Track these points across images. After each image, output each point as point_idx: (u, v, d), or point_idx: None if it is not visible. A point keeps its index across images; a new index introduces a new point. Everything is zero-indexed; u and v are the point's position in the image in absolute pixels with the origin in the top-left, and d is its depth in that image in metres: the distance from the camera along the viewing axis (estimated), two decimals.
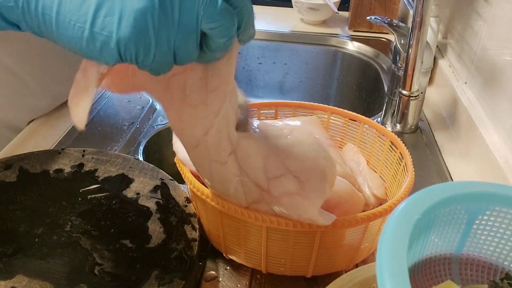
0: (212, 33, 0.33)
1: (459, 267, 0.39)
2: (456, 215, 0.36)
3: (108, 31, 0.29)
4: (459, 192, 0.35)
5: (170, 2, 0.30)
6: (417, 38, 0.69)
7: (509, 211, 0.36)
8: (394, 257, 0.28)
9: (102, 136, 0.74)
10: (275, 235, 0.44)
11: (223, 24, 0.32)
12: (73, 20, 0.30)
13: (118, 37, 0.29)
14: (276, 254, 0.46)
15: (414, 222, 0.31)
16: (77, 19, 0.29)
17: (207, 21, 0.32)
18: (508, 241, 0.37)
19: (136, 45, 0.30)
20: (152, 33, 0.30)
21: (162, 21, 0.30)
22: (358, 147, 0.62)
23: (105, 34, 0.29)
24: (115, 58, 0.30)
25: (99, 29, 0.29)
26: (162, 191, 0.55)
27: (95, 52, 0.30)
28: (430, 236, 0.36)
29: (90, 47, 0.30)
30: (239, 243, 0.47)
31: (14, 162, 0.58)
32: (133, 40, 0.29)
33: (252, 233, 0.45)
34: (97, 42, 0.30)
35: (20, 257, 0.46)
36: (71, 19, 0.30)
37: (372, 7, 1.15)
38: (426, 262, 0.38)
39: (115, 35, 0.29)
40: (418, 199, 0.33)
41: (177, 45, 0.31)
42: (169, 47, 0.31)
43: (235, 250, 0.49)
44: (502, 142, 0.64)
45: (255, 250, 0.47)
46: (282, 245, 0.45)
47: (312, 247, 0.44)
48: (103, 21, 0.29)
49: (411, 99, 0.76)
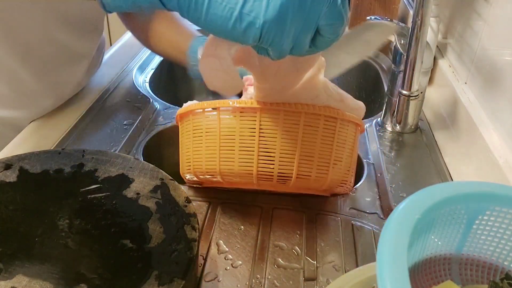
0: (326, 29, 0.37)
1: (459, 267, 0.39)
2: (456, 215, 0.36)
3: (256, 13, 0.33)
4: (459, 192, 0.35)
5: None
6: (417, 38, 0.69)
7: (509, 211, 0.36)
8: (394, 257, 0.28)
9: (102, 136, 0.74)
10: (267, 123, 0.51)
11: (338, 22, 0.37)
12: (225, 1, 0.34)
13: (264, 19, 0.33)
14: (267, 147, 0.52)
15: (414, 222, 0.31)
16: (229, 1, 0.33)
17: (327, 17, 0.36)
18: (508, 241, 0.37)
19: (276, 29, 0.34)
20: (289, 20, 0.34)
21: (297, 12, 0.34)
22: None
23: (252, 15, 0.33)
24: (256, 38, 0.34)
25: (247, 11, 0.33)
26: (162, 191, 0.55)
27: (239, 31, 0.34)
28: (430, 236, 0.36)
29: (236, 27, 0.34)
30: (233, 151, 0.53)
31: (14, 162, 0.58)
32: (275, 23, 0.34)
33: (246, 131, 0.52)
34: (244, 22, 0.34)
35: (20, 257, 0.46)
36: (223, 0, 0.34)
37: (372, 7, 1.15)
38: (426, 262, 0.38)
39: (262, 17, 0.33)
40: (418, 199, 0.33)
41: (300, 35, 0.36)
42: (294, 36, 0.36)
43: (229, 163, 0.53)
44: (502, 142, 0.64)
45: (247, 153, 0.52)
46: (272, 132, 0.51)
47: (297, 132, 0.51)
48: (252, 4, 0.33)
49: (411, 99, 0.76)
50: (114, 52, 1.05)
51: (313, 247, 0.55)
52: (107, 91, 0.87)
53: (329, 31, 0.38)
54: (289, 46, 0.36)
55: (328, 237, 0.57)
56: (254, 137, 0.51)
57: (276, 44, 0.35)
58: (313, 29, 0.36)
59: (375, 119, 0.84)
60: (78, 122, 0.77)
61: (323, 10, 0.35)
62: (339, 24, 0.38)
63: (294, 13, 0.34)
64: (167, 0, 0.35)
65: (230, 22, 0.34)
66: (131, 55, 1.02)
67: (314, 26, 0.36)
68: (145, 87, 0.92)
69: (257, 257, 0.54)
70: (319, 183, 0.54)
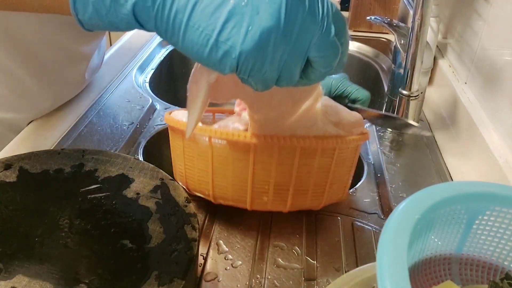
0: (317, 61, 0.34)
1: (459, 267, 0.39)
2: (456, 215, 0.36)
3: (233, 42, 0.31)
4: (459, 192, 0.35)
5: (292, 27, 0.31)
6: (417, 38, 0.69)
7: (509, 211, 0.36)
8: (394, 257, 0.28)
9: (102, 136, 0.74)
10: (262, 156, 0.50)
11: (329, 55, 0.34)
12: (201, 27, 0.31)
13: (241, 49, 0.31)
14: (261, 178, 0.51)
15: (414, 222, 0.31)
16: (206, 27, 0.31)
17: (317, 49, 0.33)
18: (508, 241, 0.37)
19: (254, 59, 0.31)
20: (270, 51, 0.31)
21: (281, 42, 0.31)
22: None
23: (229, 44, 0.31)
24: (232, 68, 0.32)
25: (224, 39, 0.31)
26: (162, 191, 0.55)
27: (215, 60, 0.32)
28: (430, 236, 0.36)
29: (212, 55, 0.32)
30: (226, 178, 0.52)
31: (14, 162, 0.58)
32: (253, 54, 0.31)
33: (239, 162, 0.50)
34: (220, 50, 0.31)
35: (20, 257, 0.46)
36: (200, 26, 0.31)
37: (372, 7, 1.15)
38: (426, 262, 0.38)
39: (239, 47, 0.31)
40: (418, 199, 0.33)
41: (285, 66, 0.33)
42: (279, 68, 0.33)
43: (223, 188, 0.53)
44: (502, 142, 0.64)
45: (240, 181, 0.51)
46: (267, 165, 0.50)
47: (292, 164, 0.50)
48: (230, 32, 0.31)
49: (411, 99, 0.76)
50: (114, 52, 1.05)
51: (313, 247, 0.55)
52: (107, 91, 0.87)
53: (321, 63, 0.35)
54: (273, 77, 0.33)
55: (328, 237, 0.57)
56: (248, 169, 0.50)
57: (256, 75, 0.32)
58: (302, 60, 0.34)
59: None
60: (78, 122, 0.77)
61: (312, 40, 0.33)
62: (332, 57, 0.35)
63: (277, 43, 0.31)
64: (144, 22, 0.34)
65: (206, 49, 0.32)
66: (131, 55, 1.02)
67: (302, 57, 0.33)
68: (145, 87, 0.92)
69: (257, 257, 0.54)
70: (315, 204, 0.55)
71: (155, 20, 0.33)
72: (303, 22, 0.32)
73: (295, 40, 0.32)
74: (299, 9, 0.31)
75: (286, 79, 0.34)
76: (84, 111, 0.80)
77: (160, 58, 1.05)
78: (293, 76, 0.34)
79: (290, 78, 0.34)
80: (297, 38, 0.32)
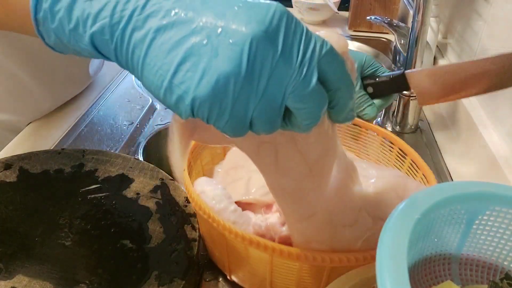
0: (298, 113, 0.30)
1: (459, 267, 0.39)
2: (456, 215, 0.36)
3: (187, 87, 0.28)
4: (459, 192, 0.35)
5: (258, 73, 0.28)
6: (417, 38, 0.69)
7: (509, 211, 0.36)
8: (394, 257, 0.28)
9: (102, 136, 0.74)
10: (280, 267, 0.42)
11: (310, 107, 0.29)
12: (156, 66, 0.29)
13: (194, 95, 0.28)
14: (280, 281, 0.44)
15: (414, 222, 0.31)
16: (161, 66, 0.28)
17: (294, 100, 0.29)
18: (508, 241, 0.37)
19: (211, 106, 0.28)
20: (230, 99, 0.28)
21: (244, 89, 0.28)
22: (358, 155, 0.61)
23: (182, 89, 0.28)
24: (187, 114, 0.29)
25: (178, 82, 0.28)
26: (162, 191, 0.55)
27: (170, 103, 0.29)
28: (430, 236, 0.36)
29: (167, 98, 0.29)
30: (243, 269, 0.46)
31: (14, 162, 0.58)
32: (208, 101, 0.28)
33: (256, 261, 0.44)
34: (174, 94, 0.28)
35: (20, 257, 0.46)
36: (155, 64, 0.29)
37: (372, 7, 1.15)
38: (426, 262, 0.38)
39: (192, 92, 0.28)
40: (418, 199, 0.33)
41: (256, 115, 0.29)
42: (246, 117, 0.29)
43: (239, 275, 0.48)
44: (502, 142, 0.64)
45: (259, 280, 0.45)
46: (286, 276, 0.43)
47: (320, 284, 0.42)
48: (184, 75, 0.28)
49: (411, 99, 0.76)
50: None
51: None
52: (107, 91, 0.87)
53: (302, 115, 0.30)
54: (241, 123, 0.29)
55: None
56: (266, 270, 0.43)
57: (217, 122, 0.29)
58: (278, 108, 0.29)
59: (375, 119, 0.84)
60: (78, 122, 0.77)
61: (287, 89, 0.28)
62: (311, 109, 0.29)
63: (238, 90, 0.27)
64: (106, 53, 0.31)
65: (161, 91, 0.29)
66: None
67: (277, 108, 0.29)
68: None
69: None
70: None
71: (115, 53, 0.30)
72: (274, 68, 0.28)
73: (264, 88, 0.28)
74: (268, 53, 0.27)
75: (262, 128, 0.30)
76: (84, 111, 0.80)
77: None
78: (271, 124, 0.30)
79: (267, 126, 0.30)
80: (267, 86, 0.28)
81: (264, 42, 0.27)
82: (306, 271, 0.41)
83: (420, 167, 0.52)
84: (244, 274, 0.47)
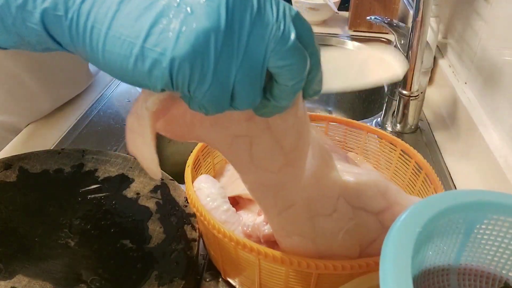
0: (281, 73, 0.28)
1: (457, 278, 0.39)
2: (455, 225, 0.36)
3: (163, 48, 0.25)
4: (458, 202, 0.34)
5: (238, 28, 0.26)
6: (417, 38, 0.69)
7: (507, 219, 0.35)
8: (398, 274, 0.27)
9: (102, 136, 0.74)
10: (268, 269, 0.42)
11: (294, 63, 0.28)
12: (123, 35, 0.26)
13: (173, 55, 0.25)
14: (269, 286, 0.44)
15: (415, 236, 0.30)
16: (129, 34, 0.26)
17: (276, 58, 0.27)
18: (506, 249, 0.37)
19: (192, 67, 0.25)
20: (212, 57, 0.25)
21: (226, 46, 0.26)
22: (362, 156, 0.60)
23: (158, 51, 0.25)
24: (164, 80, 0.26)
25: (151, 45, 0.25)
26: (162, 191, 0.55)
27: (142, 73, 0.26)
28: (429, 248, 0.36)
29: (138, 67, 0.26)
30: (235, 269, 0.46)
31: (14, 162, 0.58)
32: (189, 60, 0.25)
33: (245, 264, 0.44)
34: (147, 60, 0.26)
35: (20, 257, 0.46)
36: (122, 34, 0.26)
37: (372, 7, 1.15)
38: (425, 274, 0.37)
39: (170, 52, 0.25)
40: (417, 211, 0.32)
41: (239, 79, 0.27)
42: (228, 80, 0.27)
43: (231, 275, 0.48)
44: (502, 142, 0.64)
45: (249, 282, 0.45)
46: (274, 278, 0.43)
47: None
48: (158, 37, 0.25)
49: (411, 99, 0.76)
50: None
51: None
52: (107, 91, 0.87)
53: (286, 75, 0.28)
54: (223, 93, 0.27)
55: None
56: (255, 272, 0.43)
57: (199, 88, 0.26)
58: (260, 72, 0.27)
59: (375, 119, 0.84)
60: (78, 122, 0.77)
61: (268, 47, 0.27)
62: (299, 65, 0.28)
63: (219, 48, 0.25)
64: (58, 35, 0.28)
65: (130, 60, 0.26)
66: None
67: (260, 69, 0.27)
68: None
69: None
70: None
71: (69, 32, 0.27)
72: (253, 24, 0.26)
73: (245, 46, 0.26)
74: (245, 9, 0.26)
75: (244, 97, 0.28)
76: (84, 111, 0.80)
77: None
78: (252, 93, 0.28)
79: (249, 96, 0.28)
80: (248, 44, 0.26)
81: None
82: (293, 275, 0.41)
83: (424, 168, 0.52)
84: (236, 275, 0.47)
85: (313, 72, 0.30)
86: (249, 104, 0.28)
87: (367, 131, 0.59)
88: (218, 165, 0.58)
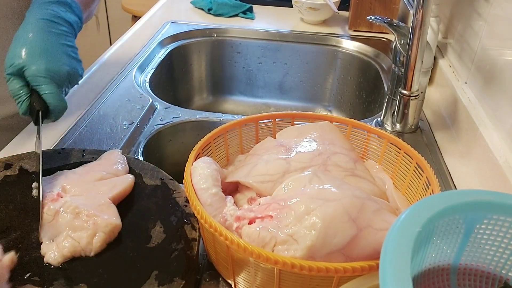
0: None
1: (457, 277, 0.39)
2: (455, 225, 0.36)
3: None
4: (457, 202, 0.34)
5: None
6: (417, 38, 0.69)
7: (506, 219, 0.35)
8: (397, 274, 0.27)
9: (102, 136, 0.74)
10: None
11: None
12: None
13: None
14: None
15: (415, 236, 0.30)
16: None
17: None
18: (505, 249, 0.37)
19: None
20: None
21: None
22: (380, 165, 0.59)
23: None
24: None
25: None
26: (162, 191, 0.55)
27: None
28: (429, 248, 0.36)
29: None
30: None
31: (14, 162, 0.58)
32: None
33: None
34: None
35: (19, 257, 0.46)
36: None
37: (372, 7, 1.15)
38: (425, 274, 0.37)
39: None
40: (417, 211, 0.32)
41: None
42: None
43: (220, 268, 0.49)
44: (502, 142, 0.64)
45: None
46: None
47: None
48: None
49: (411, 99, 0.76)
50: (114, 51, 1.05)
51: None
52: (107, 90, 0.87)
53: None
54: None
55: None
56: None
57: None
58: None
59: (375, 119, 0.84)
60: (78, 122, 0.77)
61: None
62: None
63: None
64: None
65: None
66: (131, 55, 1.02)
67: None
68: (145, 87, 0.92)
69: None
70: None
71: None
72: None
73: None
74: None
75: None
76: (84, 110, 0.80)
77: (160, 57, 1.05)
78: None
79: None
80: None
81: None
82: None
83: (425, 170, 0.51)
84: (225, 268, 0.47)
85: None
86: None
87: (387, 140, 0.58)
88: (232, 156, 0.60)
